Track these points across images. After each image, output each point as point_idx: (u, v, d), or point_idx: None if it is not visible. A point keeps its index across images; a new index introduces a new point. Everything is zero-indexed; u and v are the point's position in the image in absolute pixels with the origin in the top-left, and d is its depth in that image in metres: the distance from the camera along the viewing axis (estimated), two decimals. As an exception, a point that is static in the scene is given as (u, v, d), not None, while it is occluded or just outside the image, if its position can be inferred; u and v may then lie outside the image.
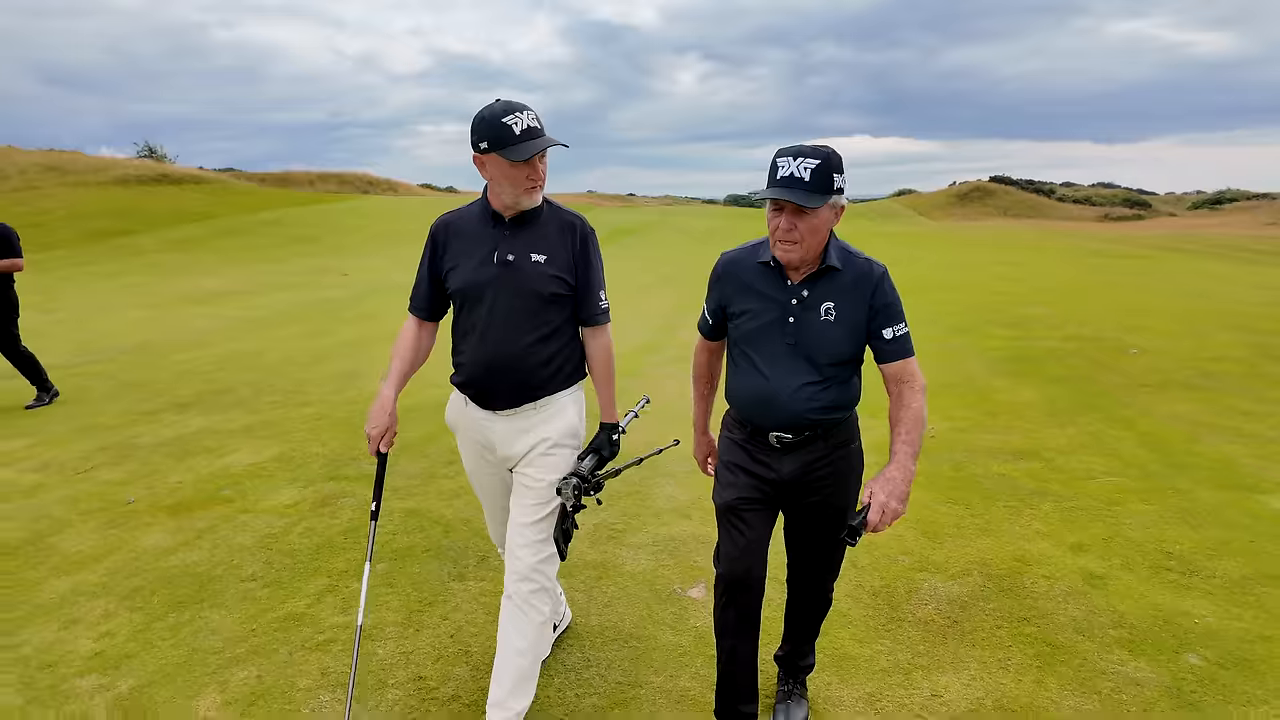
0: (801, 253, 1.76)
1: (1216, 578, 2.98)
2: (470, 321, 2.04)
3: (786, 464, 1.90)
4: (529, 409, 2.06)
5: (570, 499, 1.97)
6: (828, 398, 1.84)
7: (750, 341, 1.89)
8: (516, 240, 2.00)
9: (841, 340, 1.82)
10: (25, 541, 3.52)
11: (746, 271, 1.91)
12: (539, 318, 2.01)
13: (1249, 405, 5.29)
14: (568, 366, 2.11)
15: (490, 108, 1.90)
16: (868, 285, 1.81)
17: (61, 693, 2.42)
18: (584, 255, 2.06)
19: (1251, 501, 3.69)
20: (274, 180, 36.99)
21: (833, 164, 1.69)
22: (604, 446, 2.08)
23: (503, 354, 2.00)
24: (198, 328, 9.62)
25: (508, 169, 1.89)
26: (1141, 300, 10.99)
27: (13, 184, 21.44)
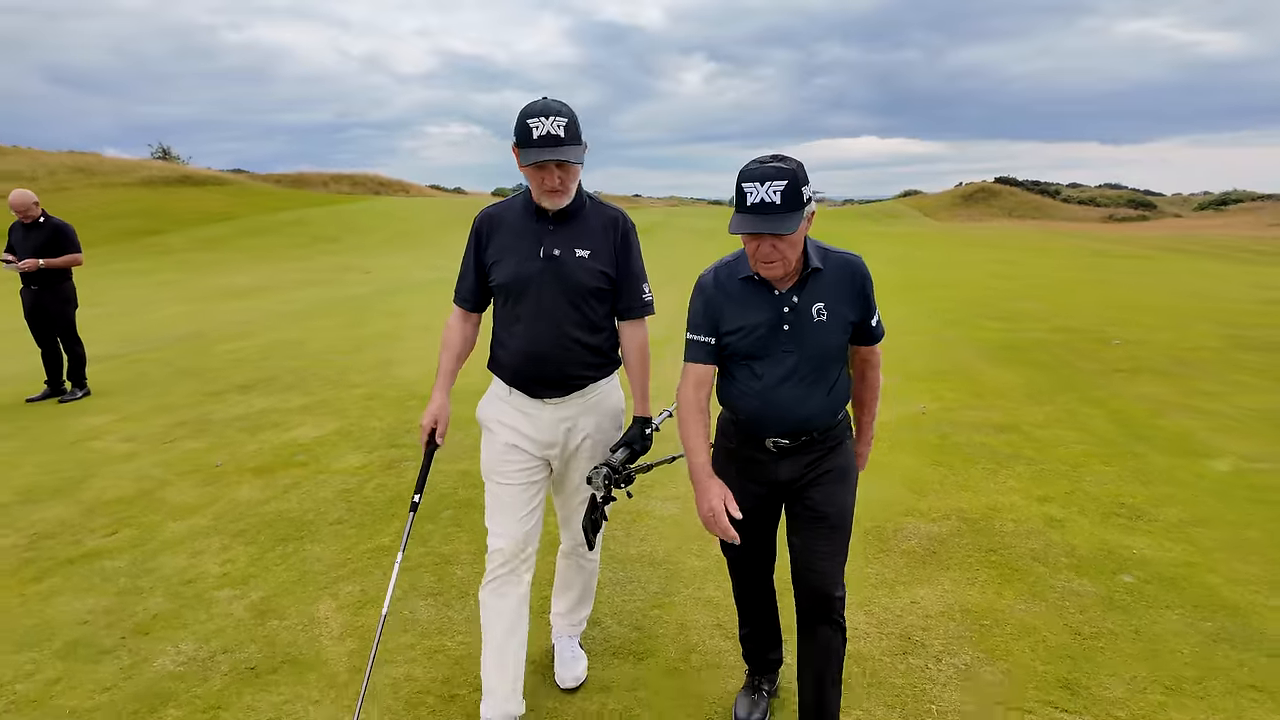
0: (784, 268, 1.79)
1: (1158, 522, 3.52)
2: (515, 313, 2.08)
3: (783, 467, 1.94)
4: (575, 396, 2.12)
5: (600, 489, 1.99)
6: (831, 400, 1.90)
7: (749, 354, 1.89)
8: (560, 235, 2.05)
9: (837, 337, 1.87)
10: (137, 495, 4.10)
11: (733, 288, 1.90)
12: (582, 311, 2.06)
13: (1213, 387, 5.81)
14: (608, 355, 2.18)
15: (533, 104, 1.93)
16: (854, 279, 1.87)
17: (205, 599, 3.00)
18: (625, 249, 2.12)
19: (1199, 465, 4.22)
20: (289, 181, 37.67)
21: (800, 179, 1.69)
22: (636, 440, 2.11)
23: (548, 345, 2.04)
24: (238, 321, 10.22)
25: (525, 168, 1.96)
26: (1132, 297, 11.50)
27: (42, 185, 22.16)
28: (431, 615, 2.86)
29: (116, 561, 3.33)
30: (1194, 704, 2.28)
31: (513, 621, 2.09)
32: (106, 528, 3.68)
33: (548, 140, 1.88)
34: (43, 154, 25.90)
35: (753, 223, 1.68)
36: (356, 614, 2.88)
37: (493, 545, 2.11)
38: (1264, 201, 57.44)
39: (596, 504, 2.10)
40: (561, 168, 1.94)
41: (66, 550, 3.45)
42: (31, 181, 22.29)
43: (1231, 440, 4.61)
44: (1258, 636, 2.61)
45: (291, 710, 2.34)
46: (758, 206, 1.67)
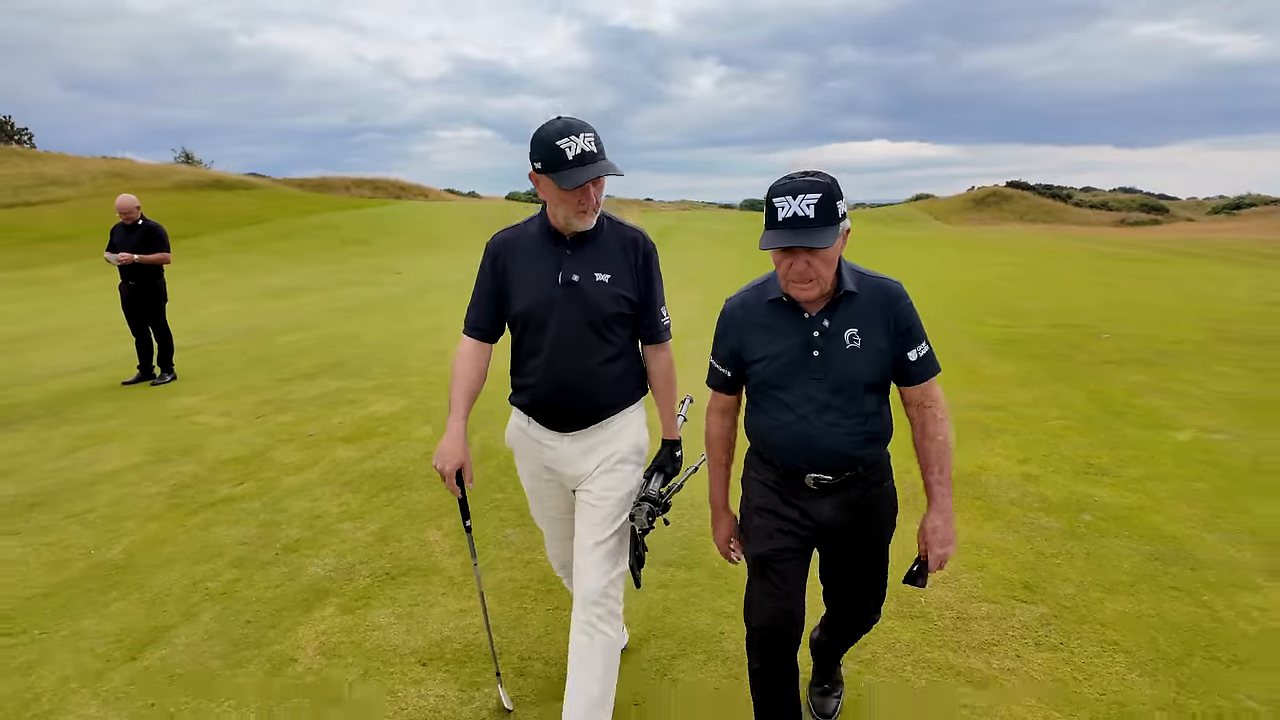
0: (819, 289, 1.68)
1: (1119, 477, 4.16)
2: (535, 344, 1.99)
3: (825, 507, 1.80)
4: (596, 428, 2.04)
5: (644, 524, 1.95)
6: (866, 430, 1.76)
7: (775, 384, 1.79)
8: (579, 259, 1.96)
9: (870, 366, 1.73)
10: (250, 456, 4.82)
11: (758, 313, 1.81)
12: (605, 338, 1.97)
13: (1190, 375, 6.42)
14: (631, 383, 2.09)
15: (550, 125, 1.83)
16: (888, 307, 1.75)
17: (333, 530, 3.70)
18: (646, 272, 2.03)
19: (1164, 436, 4.85)
20: (311, 186, 38.66)
21: (834, 193, 1.61)
22: (667, 463, 2.07)
23: (571, 376, 1.96)
24: (288, 317, 10.99)
25: (558, 192, 1.85)
26: (1131, 297, 12.06)
27: (83, 190, 23.19)
28: (521, 539, 3.56)
29: (251, 504, 4.05)
30: (1125, 599, 2.93)
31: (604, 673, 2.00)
32: (233, 480, 4.40)
33: (586, 158, 1.81)
34: (81, 160, 27.02)
35: (785, 237, 1.60)
36: (461, 538, 3.58)
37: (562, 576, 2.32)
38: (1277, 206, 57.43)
39: (637, 538, 2.02)
40: (596, 184, 1.87)
41: (206, 496, 4.17)
42: (73, 186, 23.34)
43: (1196, 416, 5.23)
44: (1186, 557, 3.26)
45: (425, 599, 3.04)
46: (790, 221, 1.59)
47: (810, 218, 1.58)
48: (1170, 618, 2.81)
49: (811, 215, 1.58)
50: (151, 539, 3.62)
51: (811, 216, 1.58)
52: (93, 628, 2.87)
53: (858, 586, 1.97)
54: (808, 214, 1.58)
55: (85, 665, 2.64)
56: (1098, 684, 2.44)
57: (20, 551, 3.52)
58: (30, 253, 18.18)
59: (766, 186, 1.70)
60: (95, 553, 3.48)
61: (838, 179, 1.67)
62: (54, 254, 18.28)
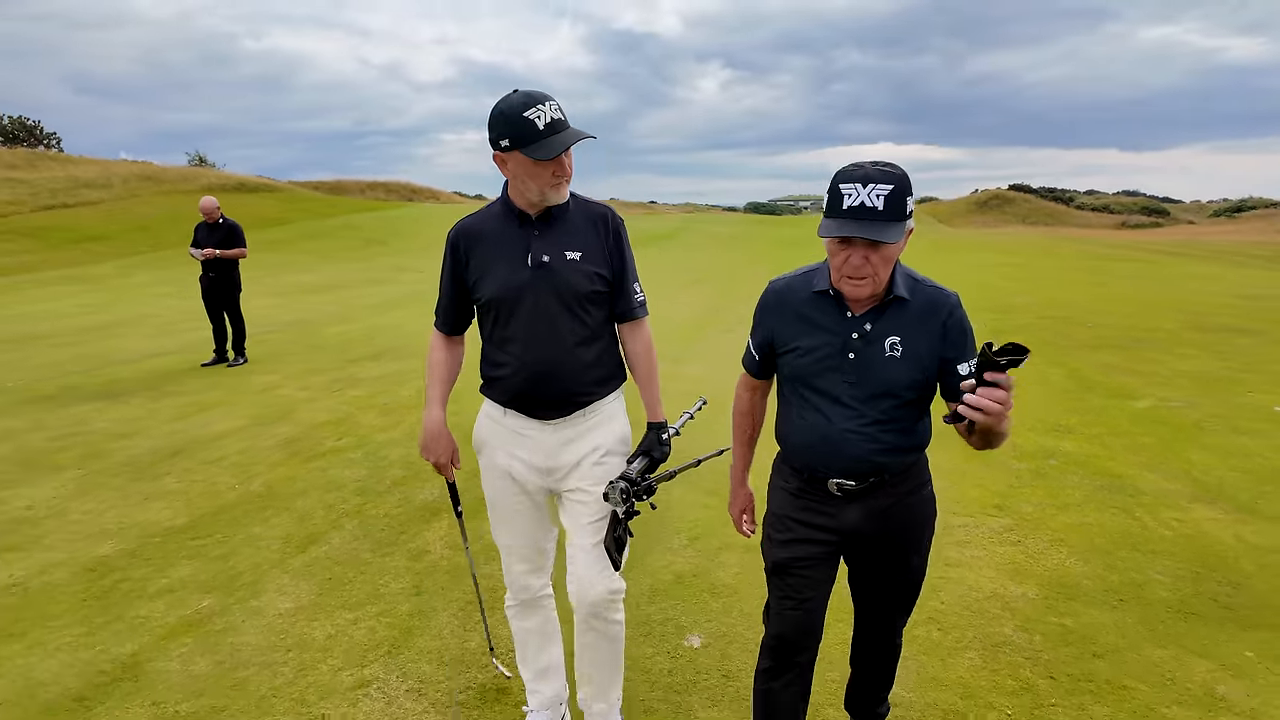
0: (873, 287, 1.58)
1: (1084, 434, 4.94)
2: (509, 330, 1.91)
3: (850, 514, 1.72)
4: (578, 416, 1.96)
5: (619, 503, 1.84)
6: (892, 439, 1.66)
7: (804, 380, 1.71)
8: (548, 239, 1.88)
9: (908, 378, 1.62)
10: (339, 420, 5.62)
11: (799, 301, 1.72)
12: (580, 319, 1.91)
13: (1156, 356, 7.20)
14: (611, 368, 2.03)
15: (508, 100, 1.74)
16: (939, 317, 1.62)
17: (429, 472, 4.48)
18: (618, 247, 1.97)
19: (1125, 404, 5.63)
20: (327, 188, 39.56)
21: (906, 187, 1.50)
22: (653, 448, 1.96)
23: (548, 361, 1.88)
24: (328, 311, 11.80)
25: (532, 166, 1.76)
26: (1117, 293, 12.83)
27: (117, 192, 24.10)
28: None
29: (354, 454, 4.84)
30: (1073, 514, 3.71)
31: (545, 635, 2.20)
32: (333, 437, 5.20)
33: (558, 126, 1.74)
34: (114, 164, 27.98)
35: (847, 227, 1.49)
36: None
37: (507, 579, 2.15)
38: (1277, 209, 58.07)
39: (618, 520, 1.90)
40: (568, 153, 1.81)
41: (315, 448, 4.96)
42: (105, 189, 24.23)
43: (1156, 389, 6.01)
44: (1128, 488, 4.03)
45: (518, 516, 3.83)
46: (856, 210, 1.48)
47: (879, 209, 1.47)
48: (1107, 526, 3.59)
49: (880, 207, 1.47)
50: (283, 478, 4.42)
51: (880, 208, 1.47)
52: (262, 533, 3.67)
53: (887, 603, 1.86)
54: (876, 205, 1.47)
55: (267, 556, 3.43)
56: (1044, 565, 3.23)
57: (178, 486, 4.32)
58: (72, 252, 19.05)
59: (771, 190, 1.89)
60: (240, 487, 4.28)
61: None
62: (94, 253, 19.15)
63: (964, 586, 3.06)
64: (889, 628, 1.92)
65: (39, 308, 12.70)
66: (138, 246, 20.07)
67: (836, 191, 1.51)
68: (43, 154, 28.24)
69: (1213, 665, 2.52)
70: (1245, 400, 5.66)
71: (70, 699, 2.44)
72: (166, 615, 2.94)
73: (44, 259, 18.22)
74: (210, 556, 3.44)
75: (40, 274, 16.67)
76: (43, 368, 7.72)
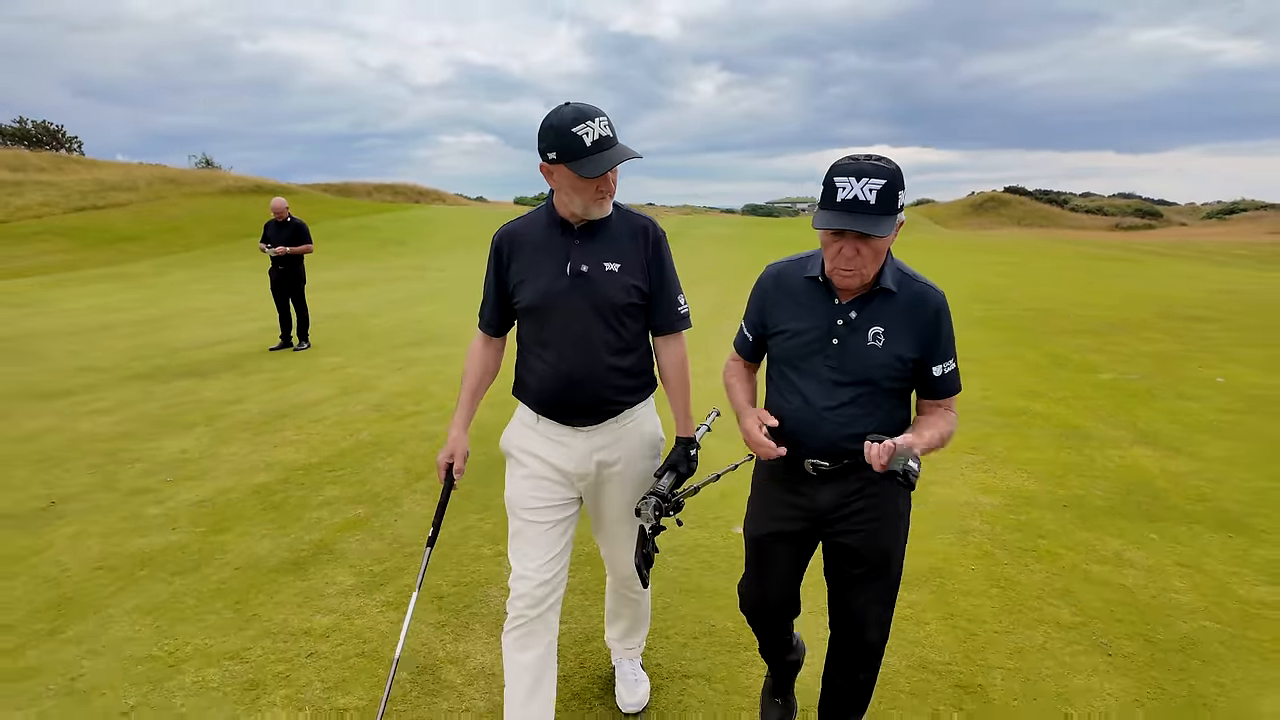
0: (862, 279, 1.65)
1: (1051, 398, 5.84)
2: (544, 336, 1.95)
3: (824, 494, 1.79)
4: (610, 423, 2.00)
5: (650, 520, 1.85)
6: (868, 425, 1.70)
7: (789, 361, 1.80)
8: (588, 249, 1.92)
9: (887, 368, 1.69)
10: (413, 390, 6.50)
11: (793, 286, 1.80)
12: (616, 330, 1.94)
13: (1125, 340, 8.11)
14: (644, 377, 2.06)
15: (559, 113, 1.78)
16: (923, 314, 1.69)
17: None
18: (658, 259, 1.99)
19: (1091, 376, 6.53)
20: (335, 190, 40.42)
21: (899, 181, 1.55)
22: (681, 463, 1.97)
23: (581, 369, 1.92)
24: (360, 305, 12.67)
25: (577, 181, 1.80)
26: (1102, 288, 13.75)
27: (143, 195, 24.97)
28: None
29: (435, 414, 5.72)
30: (1034, 453, 4.61)
31: (536, 678, 1.96)
32: (411, 403, 6.08)
33: (604, 144, 1.78)
34: (136, 167, 28.89)
35: (841, 219, 1.55)
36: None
37: (516, 588, 1.99)
38: (1267, 211, 59.14)
39: (646, 537, 1.93)
40: (612, 170, 1.82)
41: (399, 412, 5.85)
42: (131, 191, 25.09)
43: (1119, 365, 6.92)
44: (1083, 435, 4.94)
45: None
46: (849, 203, 1.54)
47: (871, 203, 1.53)
48: (1061, 461, 4.49)
49: (872, 201, 1.53)
50: (382, 433, 5.30)
51: (872, 202, 1.53)
52: (384, 467, 4.56)
53: (861, 594, 1.83)
54: (869, 199, 1.53)
55: (394, 482, 4.32)
56: (1007, 485, 4.13)
57: (298, 438, 5.20)
58: (107, 251, 19.92)
59: (768, 192, 2.63)
60: (351, 438, 5.16)
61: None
62: (128, 253, 20.02)
63: (941, 497, 3.96)
64: (863, 623, 1.85)
65: (92, 302, 13.56)
66: (170, 246, 20.95)
67: (831, 184, 1.58)
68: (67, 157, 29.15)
69: (1125, 542, 3.42)
70: (1193, 373, 6.58)
71: (288, 565, 3.34)
72: (333, 518, 3.83)
73: (81, 258, 19.09)
74: (349, 483, 4.32)
75: (81, 272, 17.53)
76: (123, 353, 8.60)
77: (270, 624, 2.88)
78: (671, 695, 2.43)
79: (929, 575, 3.17)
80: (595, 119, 1.76)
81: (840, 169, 1.57)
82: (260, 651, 2.71)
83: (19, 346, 9.10)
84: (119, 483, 4.38)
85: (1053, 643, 2.67)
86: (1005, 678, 2.49)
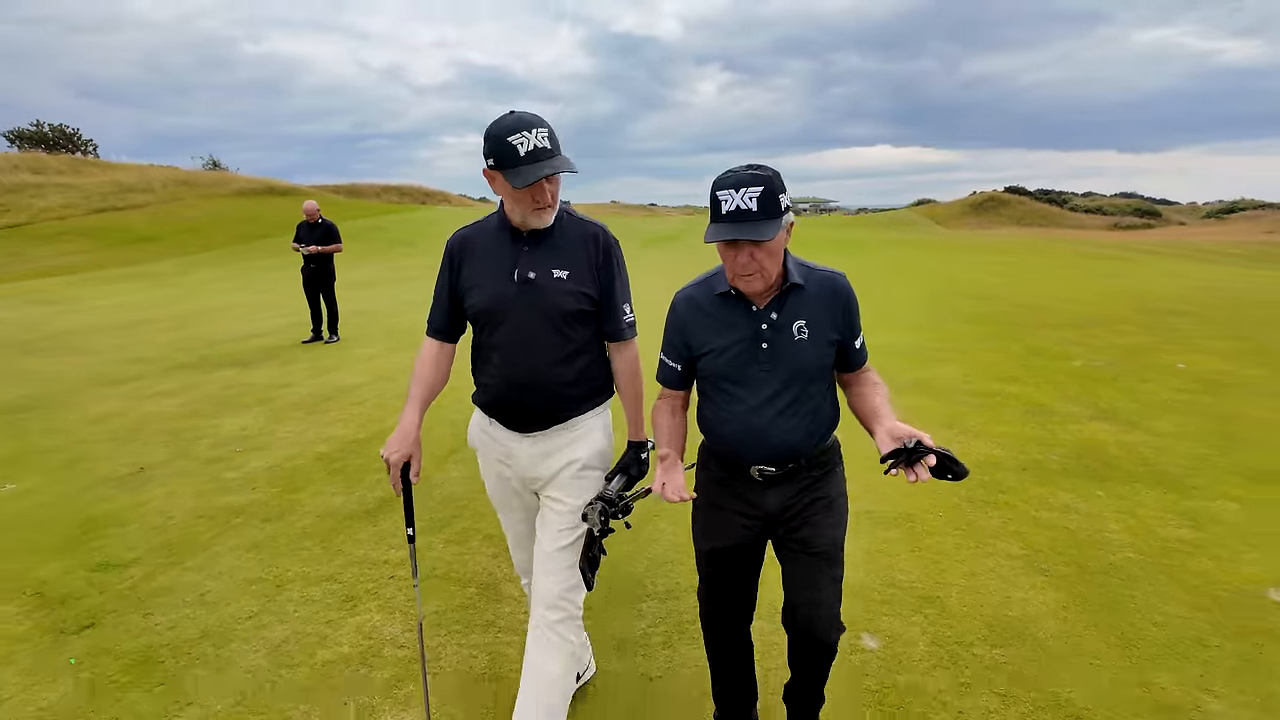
0: (764, 281, 1.72)
1: (1025, 382, 6.41)
2: (492, 342, 1.98)
3: (771, 498, 1.85)
4: (557, 430, 2.01)
5: (597, 524, 1.85)
6: (814, 422, 1.81)
7: (724, 375, 1.82)
8: (536, 256, 1.93)
9: (819, 357, 1.79)
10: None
11: (706, 306, 1.84)
12: (563, 336, 1.95)
13: (1100, 332, 8.68)
14: (595, 384, 2.06)
15: (500, 122, 1.80)
16: (837, 297, 1.80)
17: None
18: (607, 267, 1.99)
19: (1063, 364, 7.11)
20: (344, 191, 41.04)
21: (776, 186, 1.63)
22: (632, 466, 2.00)
23: (527, 375, 1.94)
24: (380, 304, 13.24)
25: (512, 190, 1.83)
26: (1089, 284, 14.32)
27: (159, 196, 25.65)
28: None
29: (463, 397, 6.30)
30: (1004, 427, 5.18)
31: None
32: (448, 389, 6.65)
33: (539, 154, 1.80)
34: (151, 169, 29.61)
35: (728, 230, 1.63)
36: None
37: (524, 582, 2.19)
38: (1265, 210, 59.62)
39: (594, 539, 1.94)
40: (552, 180, 1.87)
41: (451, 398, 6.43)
42: (148, 192, 25.75)
43: (1090, 354, 7.50)
44: (1048, 412, 5.51)
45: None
46: (733, 214, 1.63)
47: (753, 210, 1.61)
48: (1026, 433, 5.06)
49: (754, 208, 1.61)
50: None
51: (754, 209, 1.61)
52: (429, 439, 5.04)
53: (813, 573, 1.86)
54: (750, 207, 1.61)
55: (440, 452, 4.90)
56: (976, 451, 4.70)
57: (345, 417, 5.78)
58: (128, 251, 20.56)
59: None
60: (390, 419, 5.73)
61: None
62: (150, 253, 20.66)
63: (921, 463, 4.54)
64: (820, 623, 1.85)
65: (121, 300, 14.18)
66: (188, 247, 21.60)
67: (715, 199, 1.66)
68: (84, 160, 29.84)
69: (1074, 496, 4.00)
70: (1157, 360, 7.15)
71: (360, 514, 3.93)
72: (391, 479, 4.42)
73: (104, 257, 19.73)
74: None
75: (106, 271, 18.17)
76: (166, 345, 9.20)
77: (354, 556, 3.48)
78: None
79: (901, 519, 3.76)
80: (534, 129, 1.79)
81: (720, 183, 1.66)
82: (350, 575, 3.30)
83: (66, 342, 9.73)
84: (194, 453, 4.98)
85: (1001, 568, 3.26)
86: (959, 592, 3.07)
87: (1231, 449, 4.66)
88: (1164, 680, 2.50)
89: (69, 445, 5.22)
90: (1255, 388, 6.12)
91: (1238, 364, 6.97)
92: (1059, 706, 2.38)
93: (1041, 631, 2.78)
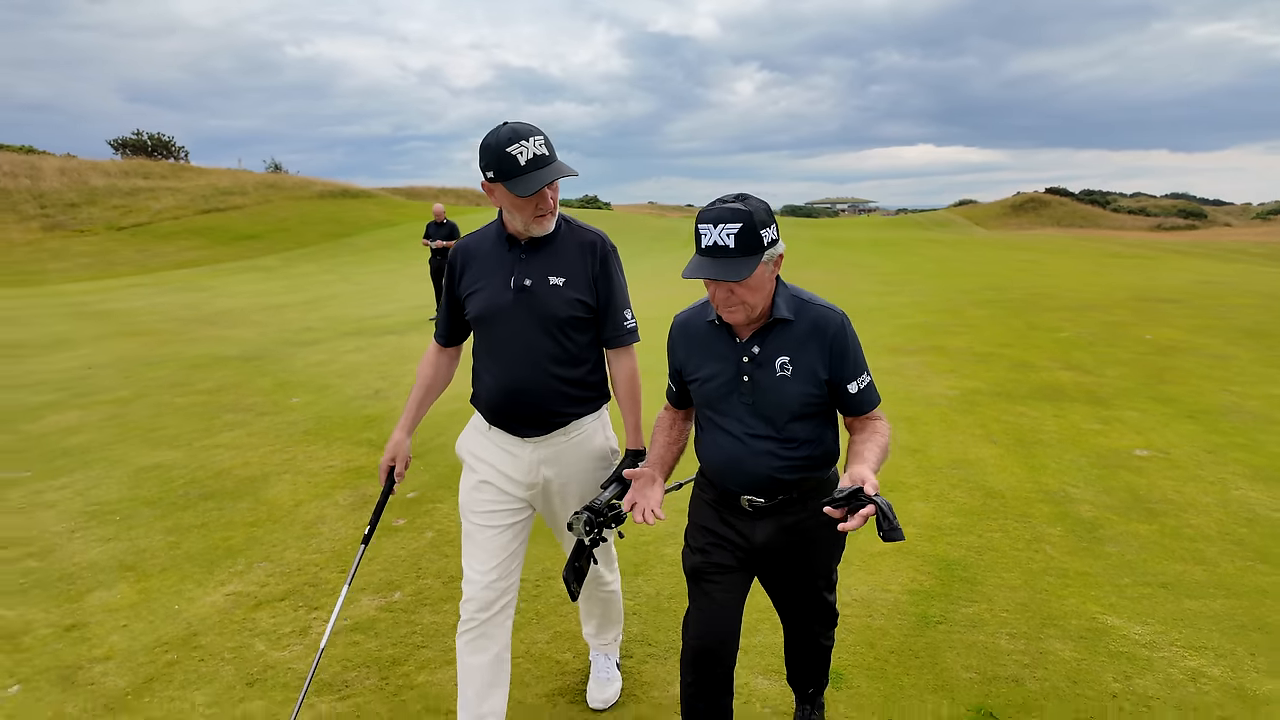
0: (745, 313, 1.70)
1: (1018, 347, 8.15)
2: (491, 347, 2.05)
3: (760, 529, 1.82)
4: (557, 436, 2.06)
5: (583, 534, 1.85)
6: (798, 457, 1.77)
7: (710, 404, 1.83)
8: (533, 263, 1.99)
9: (801, 395, 1.74)
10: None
11: (699, 332, 1.85)
12: (559, 343, 2.00)
13: (1094, 314, 10.31)
14: (592, 390, 2.11)
15: (496, 134, 1.84)
16: (825, 335, 1.74)
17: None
18: (605, 274, 2.04)
19: (1054, 335, 8.81)
20: (403, 194, 43.73)
21: (756, 221, 1.60)
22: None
23: (524, 381, 2.00)
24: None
25: (514, 200, 1.87)
26: (1099, 277, 15.78)
27: (252, 199, 28.42)
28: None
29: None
30: (993, 374, 6.98)
31: (488, 681, 2.02)
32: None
33: (539, 162, 1.84)
34: (243, 173, 32.58)
35: (704, 267, 1.62)
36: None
37: (466, 591, 2.04)
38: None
39: (583, 548, 1.94)
40: (552, 188, 1.91)
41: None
42: (242, 195, 28.56)
43: (1080, 329, 9.19)
44: (1028, 365, 7.27)
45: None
46: (711, 250, 1.61)
47: (729, 247, 1.59)
48: (1007, 377, 6.83)
49: (731, 245, 1.59)
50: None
51: (731, 246, 1.59)
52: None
53: (800, 613, 1.94)
54: (727, 244, 1.59)
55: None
56: (965, 386, 6.51)
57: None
58: (234, 248, 23.21)
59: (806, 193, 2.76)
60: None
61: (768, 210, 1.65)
62: (253, 249, 23.28)
63: (924, 392, 6.37)
64: (811, 635, 2.00)
65: (249, 288, 16.56)
66: (285, 244, 24.20)
67: (697, 232, 1.64)
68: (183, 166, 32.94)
69: (1027, 408, 5.80)
70: (1132, 333, 8.82)
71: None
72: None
73: (215, 254, 22.37)
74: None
75: (220, 265, 20.75)
76: (320, 319, 11.40)
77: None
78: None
79: (899, 420, 5.61)
80: (530, 138, 1.82)
81: (702, 217, 1.63)
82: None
83: (232, 318, 12.03)
84: (406, 384, 7.03)
85: (966, 441, 5.09)
86: (938, 448, 4.92)
87: (1153, 384, 6.41)
88: (1050, 482, 4.34)
89: (310, 380, 7.34)
90: (1198, 350, 7.79)
91: (1194, 335, 8.61)
92: (991, 495, 4.23)
93: (986, 464, 4.63)
